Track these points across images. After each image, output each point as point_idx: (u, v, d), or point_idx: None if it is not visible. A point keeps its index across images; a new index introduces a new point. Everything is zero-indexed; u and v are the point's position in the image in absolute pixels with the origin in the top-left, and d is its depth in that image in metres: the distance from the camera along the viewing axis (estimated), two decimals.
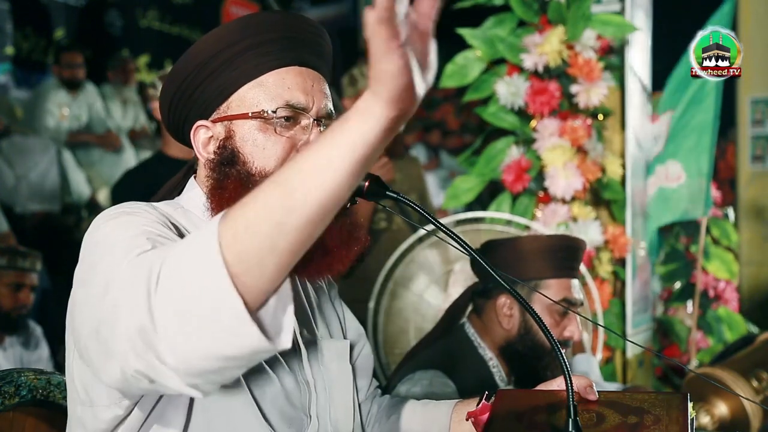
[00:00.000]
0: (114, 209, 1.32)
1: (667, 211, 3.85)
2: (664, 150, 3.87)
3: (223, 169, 1.41)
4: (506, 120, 3.22)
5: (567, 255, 2.17)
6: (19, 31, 6.62)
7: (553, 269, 2.14)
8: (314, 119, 1.44)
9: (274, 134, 1.41)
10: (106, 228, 1.24)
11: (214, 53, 1.42)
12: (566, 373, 1.28)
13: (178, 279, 1.01)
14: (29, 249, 3.76)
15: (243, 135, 1.41)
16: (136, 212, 1.29)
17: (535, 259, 2.14)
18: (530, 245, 2.17)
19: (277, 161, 1.41)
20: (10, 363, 3.54)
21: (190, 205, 1.47)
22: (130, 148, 6.49)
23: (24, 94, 6.58)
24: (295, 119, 1.43)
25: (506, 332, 2.16)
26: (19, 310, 3.63)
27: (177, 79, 1.45)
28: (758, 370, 2.66)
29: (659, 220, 3.90)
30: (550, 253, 2.15)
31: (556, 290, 2.13)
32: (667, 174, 3.83)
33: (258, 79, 1.43)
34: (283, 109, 1.41)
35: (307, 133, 1.43)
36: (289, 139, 1.42)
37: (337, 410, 1.50)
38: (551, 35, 3.12)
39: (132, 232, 1.21)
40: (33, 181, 5.66)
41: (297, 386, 1.44)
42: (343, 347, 1.56)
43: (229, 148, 1.42)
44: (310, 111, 1.44)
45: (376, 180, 1.46)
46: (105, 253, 1.17)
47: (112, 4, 7.53)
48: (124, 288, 1.06)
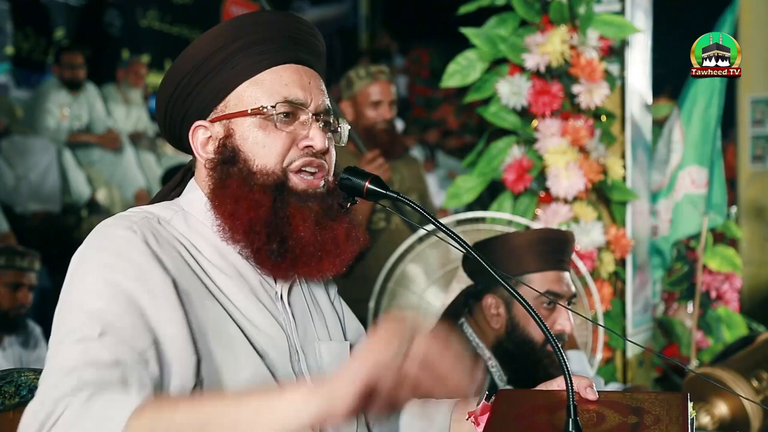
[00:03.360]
0: (104, 241, 1.33)
1: (693, 219, 3.86)
2: (687, 155, 3.89)
3: (225, 168, 1.41)
4: (507, 120, 3.22)
5: (553, 247, 2.18)
6: (19, 31, 6.62)
7: (540, 262, 2.16)
8: (313, 114, 1.44)
9: (274, 130, 1.41)
10: (85, 279, 1.29)
11: (210, 53, 1.42)
12: (566, 373, 1.28)
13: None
14: (28, 248, 3.76)
15: (243, 133, 1.42)
16: (117, 266, 1.29)
17: (521, 254, 2.15)
18: (516, 240, 2.19)
19: (277, 158, 1.41)
20: (9, 363, 3.54)
21: (191, 207, 1.47)
22: (130, 148, 6.49)
23: (24, 94, 6.58)
24: (294, 115, 1.43)
25: (496, 332, 2.17)
26: (17, 309, 3.63)
27: (173, 80, 1.45)
28: (758, 370, 2.66)
29: (686, 229, 3.91)
30: (535, 246, 2.16)
31: (540, 283, 2.14)
32: (693, 180, 3.85)
33: (255, 78, 1.43)
34: (282, 105, 1.42)
35: (306, 128, 1.44)
36: (289, 135, 1.42)
37: None
38: (553, 35, 3.12)
39: (96, 304, 1.25)
40: (33, 181, 5.65)
41: None
42: (343, 349, 1.56)
43: (230, 146, 1.42)
44: (309, 106, 1.44)
45: (376, 180, 1.46)
46: (68, 310, 1.27)
47: (111, 4, 7.53)
48: (31, 408, 1.18)
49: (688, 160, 3.89)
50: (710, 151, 3.81)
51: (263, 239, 1.38)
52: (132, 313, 1.26)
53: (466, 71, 3.26)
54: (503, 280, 1.38)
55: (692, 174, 3.87)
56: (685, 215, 3.90)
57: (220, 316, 1.37)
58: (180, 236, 1.41)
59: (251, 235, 1.38)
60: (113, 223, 1.36)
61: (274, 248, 1.39)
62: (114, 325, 1.24)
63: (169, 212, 1.45)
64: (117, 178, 6.31)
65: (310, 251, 1.41)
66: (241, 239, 1.39)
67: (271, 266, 1.42)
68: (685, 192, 3.87)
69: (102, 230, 1.36)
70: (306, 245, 1.40)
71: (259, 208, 1.38)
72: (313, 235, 1.40)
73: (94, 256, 1.31)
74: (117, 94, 6.82)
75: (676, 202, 3.91)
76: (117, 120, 6.66)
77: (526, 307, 1.34)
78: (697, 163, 3.87)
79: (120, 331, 1.23)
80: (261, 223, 1.38)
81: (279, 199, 1.39)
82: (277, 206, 1.39)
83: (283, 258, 1.40)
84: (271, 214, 1.38)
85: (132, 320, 1.25)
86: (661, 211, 3.99)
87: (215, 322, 1.36)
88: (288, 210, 1.39)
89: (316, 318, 1.55)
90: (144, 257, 1.31)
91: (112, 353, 1.20)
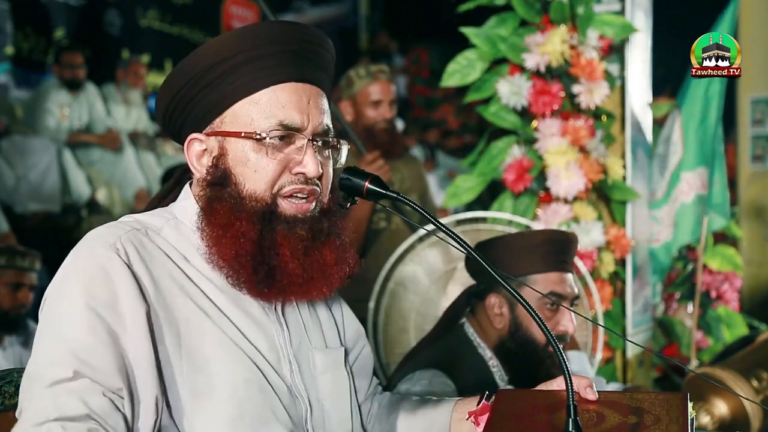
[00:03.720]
0: (85, 262, 1.33)
1: (697, 223, 3.85)
2: (688, 157, 3.88)
3: (215, 190, 1.40)
4: (507, 120, 3.22)
5: (555, 249, 2.18)
6: (19, 31, 6.62)
7: (542, 264, 2.16)
8: (309, 139, 1.42)
9: (266, 155, 1.39)
10: (64, 303, 1.30)
11: (210, 66, 1.40)
12: (566, 373, 1.28)
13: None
14: (28, 248, 3.76)
15: (235, 154, 1.40)
16: (94, 292, 1.30)
17: (524, 255, 2.15)
18: (519, 242, 2.19)
19: (267, 183, 1.40)
20: (9, 362, 3.53)
21: (183, 215, 1.46)
22: (130, 148, 6.49)
23: (24, 94, 6.58)
24: (289, 138, 1.41)
25: (499, 331, 2.17)
26: (18, 309, 3.62)
27: (172, 89, 1.44)
28: (758, 370, 2.66)
29: (688, 236, 3.90)
30: (539, 247, 2.16)
31: (543, 284, 2.14)
32: (701, 182, 3.84)
33: (252, 96, 1.41)
34: (276, 131, 1.40)
35: (302, 153, 1.41)
36: (282, 160, 1.40)
37: (332, 421, 1.49)
38: (553, 35, 3.12)
39: (73, 334, 1.26)
40: (33, 181, 5.65)
41: (292, 400, 1.43)
42: (337, 356, 1.56)
43: (221, 167, 1.41)
44: (305, 130, 1.42)
45: (376, 180, 1.46)
46: (48, 337, 1.29)
47: (111, 4, 7.52)
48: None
49: (689, 162, 3.89)
50: (710, 151, 3.81)
51: (249, 271, 1.38)
52: (107, 344, 1.28)
53: (466, 71, 3.26)
54: (503, 280, 1.38)
55: (694, 176, 3.87)
56: (688, 219, 3.89)
57: (208, 328, 1.37)
58: (169, 247, 1.40)
59: (237, 265, 1.38)
60: (98, 237, 1.36)
61: (261, 279, 1.38)
62: (89, 363, 1.26)
63: (161, 220, 1.44)
64: (117, 178, 6.31)
65: (297, 282, 1.40)
66: (226, 267, 1.39)
67: (256, 293, 1.41)
68: (687, 195, 3.87)
69: (84, 248, 1.36)
70: (293, 276, 1.39)
71: (246, 240, 1.37)
72: (301, 266, 1.39)
73: (73, 279, 1.32)
74: (117, 94, 6.82)
75: (682, 204, 3.89)
76: (117, 120, 6.66)
77: (526, 307, 1.34)
78: (698, 164, 3.87)
79: (95, 371, 1.26)
80: (247, 255, 1.37)
81: (266, 227, 1.38)
82: (264, 236, 1.38)
83: (269, 288, 1.40)
84: (256, 247, 1.37)
85: (107, 355, 1.27)
86: (663, 218, 3.96)
87: (202, 335, 1.36)
88: (276, 238, 1.38)
89: (311, 326, 1.54)
90: (121, 283, 1.31)
91: (84, 402, 1.23)
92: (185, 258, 1.41)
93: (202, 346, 1.35)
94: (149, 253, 1.37)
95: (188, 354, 1.34)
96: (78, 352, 1.26)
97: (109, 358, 1.27)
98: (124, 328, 1.30)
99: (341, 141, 1.50)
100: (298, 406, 1.44)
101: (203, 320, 1.37)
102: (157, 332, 1.33)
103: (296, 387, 1.45)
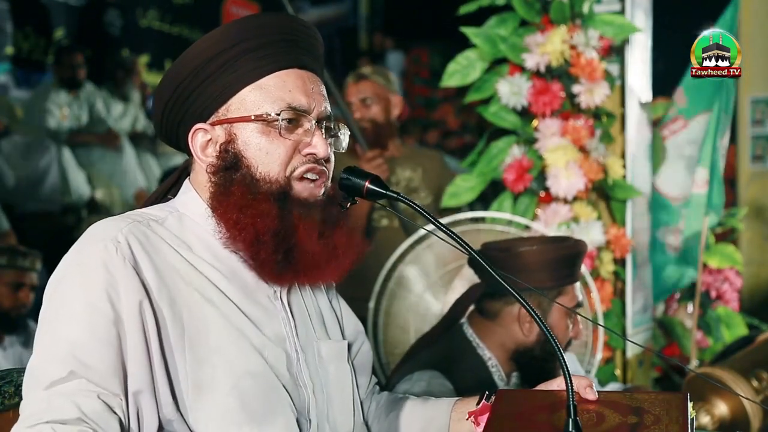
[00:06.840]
0: (85, 258, 1.33)
1: (697, 219, 3.84)
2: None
3: (227, 174, 1.40)
4: (507, 120, 3.22)
5: (567, 264, 2.18)
6: (19, 31, 6.62)
7: (554, 279, 2.16)
8: (315, 121, 1.44)
9: (277, 137, 1.41)
10: (65, 299, 1.30)
11: (212, 56, 1.41)
12: (566, 373, 1.28)
13: None
14: (29, 248, 3.76)
15: (245, 139, 1.41)
16: (94, 287, 1.30)
17: (538, 270, 2.14)
18: (531, 258, 2.15)
19: (280, 165, 1.41)
20: (9, 362, 3.54)
21: (186, 208, 1.46)
22: (130, 148, 6.49)
23: (24, 94, 6.58)
24: (297, 121, 1.42)
25: (524, 338, 2.16)
26: (18, 309, 3.63)
27: (173, 82, 1.44)
28: (758, 370, 2.66)
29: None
30: (554, 263, 2.15)
31: (571, 298, 2.17)
32: (697, 180, 3.83)
33: (258, 82, 1.42)
34: (286, 112, 1.41)
35: (309, 135, 1.43)
36: (293, 142, 1.42)
37: (335, 412, 1.50)
38: (553, 35, 3.12)
39: (72, 333, 1.26)
40: (33, 181, 5.65)
41: (297, 390, 1.43)
42: (341, 348, 1.56)
43: (232, 152, 1.41)
44: (312, 113, 1.44)
45: (376, 180, 1.46)
46: (49, 333, 1.29)
47: (111, 4, 7.52)
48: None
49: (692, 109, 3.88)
50: (711, 151, 3.81)
51: (269, 250, 1.38)
52: (105, 342, 1.28)
53: (466, 71, 3.26)
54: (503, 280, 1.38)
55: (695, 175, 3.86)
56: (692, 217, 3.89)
57: (214, 317, 1.37)
58: (173, 237, 1.40)
59: (257, 245, 1.38)
60: (99, 231, 1.36)
61: (280, 259, 1.39)
62: (86, 363, 1.26)
63: (164, 212, 1.45)
64: (117, 178, 6.31)
65: (314, 262, 1.41)
66: (246, 248, 1.39)
67: (273, 275, 1.42)
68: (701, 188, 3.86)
69: (85, 243, 1.36)
70: (311, 256, 1.40)
71: (266, 218, 1.37)
72: (318, 245, 1.40)
73: (73, 274, 1.32)
74: (117, 93, 6.82)
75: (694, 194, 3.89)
76: (117, 120, 6.66)
77: (526, 307, 1.34)
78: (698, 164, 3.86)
79: (92, 371, 1.26)
80: (269, 233, 1.37)
81: (283, 208, 1.39)
82: (283, 215, 1.38)
83: (286, 269, 1.40)
84: (278, 224, 1.38)
85: (105, 354, 1.27)
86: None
87: (207, 325, 1.36)
88: (292, 220, 1.39)
89: (314, 317, 1.55)
90: (121, 278, 1.31)
91: (77, 405, 1.23)
92: (190, 248, 1.41)
93: (207, 336, 1.35)
94: (153, 244, 1.37)
95: (192, 345, 1.34)
96: (75, 351, 1.26)
97: (107, 357, 1.27)
98: (123, 325, 1.30)
99: (341, 126, 1.52)
100: (301, 396, 1.44)
101: (208, 310, 1.37)
102: (161, 326, 1.33)
103: (301, 376, 1.45)
